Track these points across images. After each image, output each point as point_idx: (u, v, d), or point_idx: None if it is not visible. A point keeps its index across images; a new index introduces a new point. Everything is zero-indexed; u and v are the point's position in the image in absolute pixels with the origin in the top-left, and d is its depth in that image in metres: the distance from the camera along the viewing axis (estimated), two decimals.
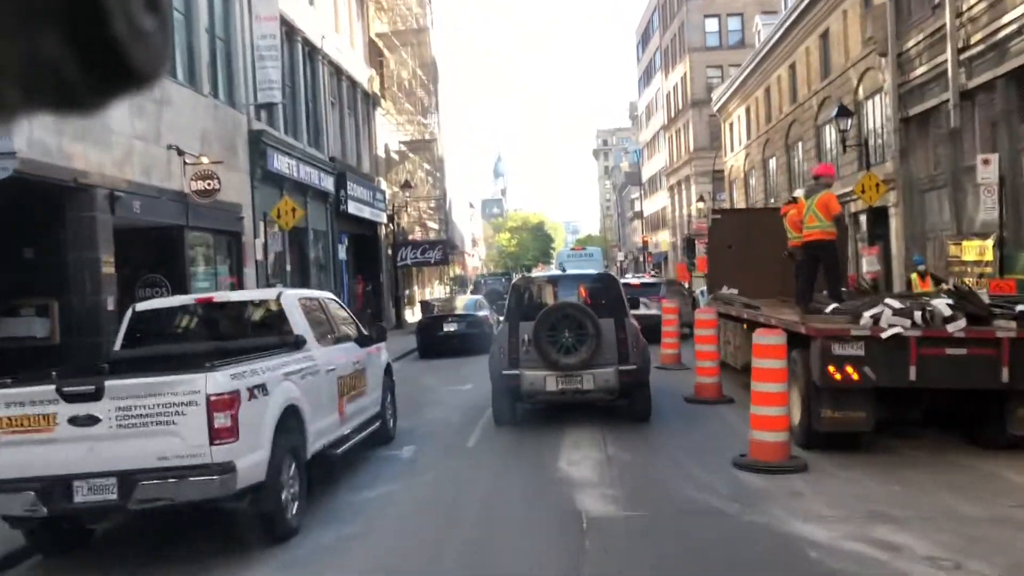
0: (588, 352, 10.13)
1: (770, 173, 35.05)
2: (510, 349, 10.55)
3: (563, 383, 10.23)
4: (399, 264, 32.81)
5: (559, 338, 10.25)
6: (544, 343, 10.19)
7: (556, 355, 10.15)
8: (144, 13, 0.67)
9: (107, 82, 0.68)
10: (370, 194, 30.13)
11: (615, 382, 10.19)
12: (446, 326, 21.51)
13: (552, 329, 10.26)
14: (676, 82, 65.29)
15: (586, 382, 10.21)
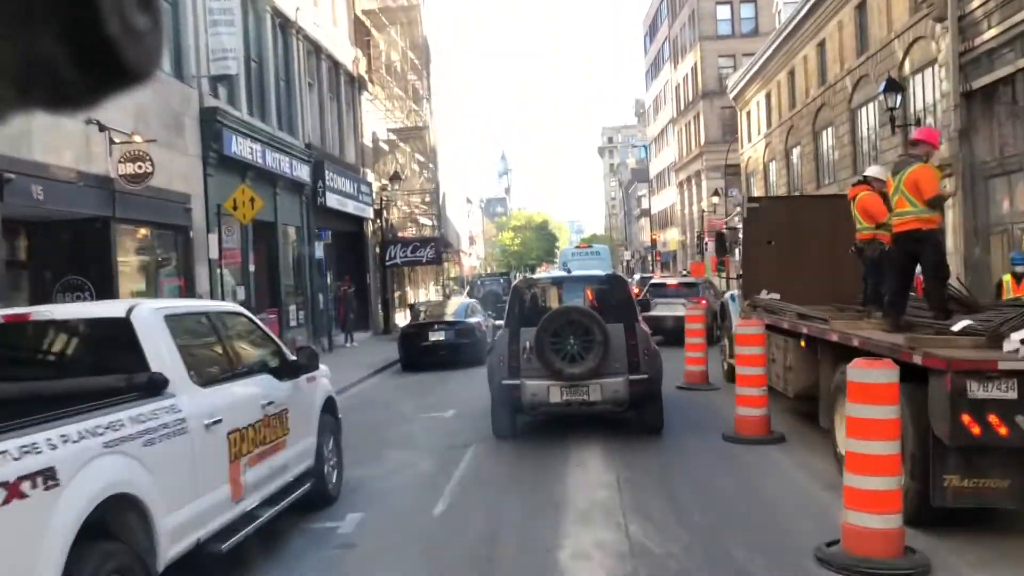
0: (595, 360, 9.32)
1: (793, 164, 32.13)
2: (510, 357, 9.73)
3: (568, 394, 9.43)
4: (387, 263, 29.96)
5: (563, 345, 9.43)
6: (547, 351, 9.37)
7: (560, 364, 9.35)
8: (137, 12, 0.68)
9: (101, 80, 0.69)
10: (354, 186, 27.29)
11: (625, 393, 9.40)
12: (432, 335, 18.67)
13: (556, 335, 9.44)
14: (686, 73, 62.53)
15: (593, 393, 9.41)
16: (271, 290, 21.23)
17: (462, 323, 18.93)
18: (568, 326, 9.48)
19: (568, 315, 9.61)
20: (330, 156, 25.64)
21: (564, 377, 9.36)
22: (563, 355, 9.42)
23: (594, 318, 9.48)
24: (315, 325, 23.70)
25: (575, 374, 9.34)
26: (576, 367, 9.36)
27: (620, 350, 9.52)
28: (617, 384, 9.38)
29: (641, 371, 9.51)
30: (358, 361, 20.70)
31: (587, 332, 9.41)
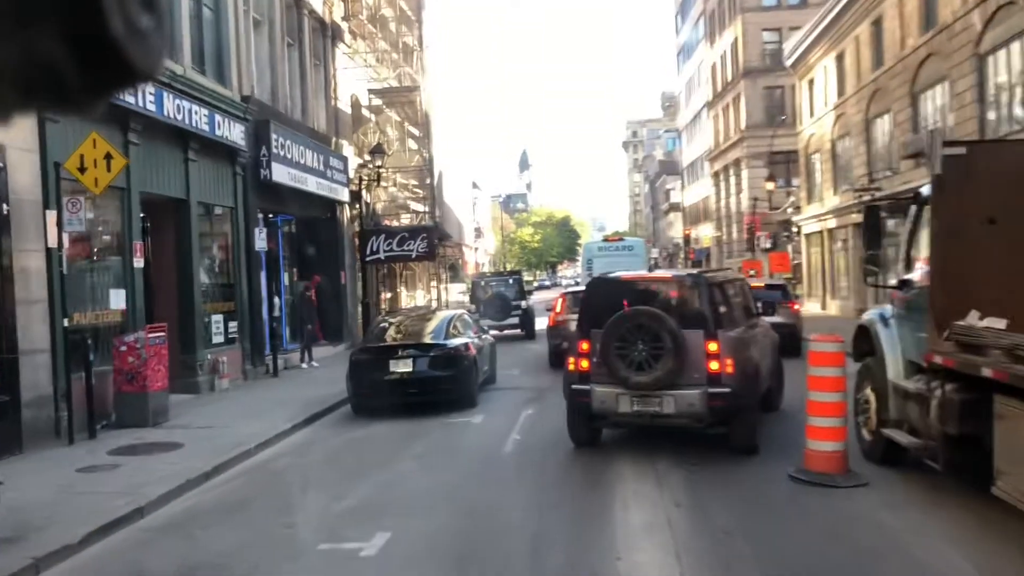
0: (664, 370, 8.58)
1: (877, 137, 25.70)
2: (581, 359, 9.16)
3: (638, 404, 8.81)
4: (368, 259, 23.87)
5: (630, 351, 8.71)
6: (612, 356, 8.76)
7: (626, 371, 8.72)
8: (141, 12, 0.68)
9: (104, 80, 0.69)
10: (321, 159, 21.23)
11: (702, 407, 8.60)
12: (394, 364, 12.54)
13: (622, 340, 8.77)
14: (724, 50, 56.28)
15: (666, 405, 8.70)
16: (179, 294, 15.20)
17: (440, 347, 12.79)
18: (636, 331, 8.77)
19: (636, 318, 8.85)
20: (282, 117, 19.57)
21: (630, 386, 8.77)
22: (629, 362, 8.74)
23: (664, 323, 8.72)
24: (254, 340, 17.66)
25: (641, 383, 8.70)
26: (642, 376, 8.69)
27: (698, 360, 8.71)
28: (692, 397, 8.64)
29: (722, 384, 8.63)
30: (297, 396, 14.60)
31: (656, 338, 8.68)
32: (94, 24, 0.64)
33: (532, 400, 13.73)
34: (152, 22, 0.69)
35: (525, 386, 15.31)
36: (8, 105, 0.68)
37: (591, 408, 9.10)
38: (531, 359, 19.75)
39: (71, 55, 0.65)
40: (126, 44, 0.66)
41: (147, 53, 0.68)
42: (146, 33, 0.68)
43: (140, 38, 0.67)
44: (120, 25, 0.65)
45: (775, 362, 11.24)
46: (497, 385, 15.48)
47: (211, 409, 13.63)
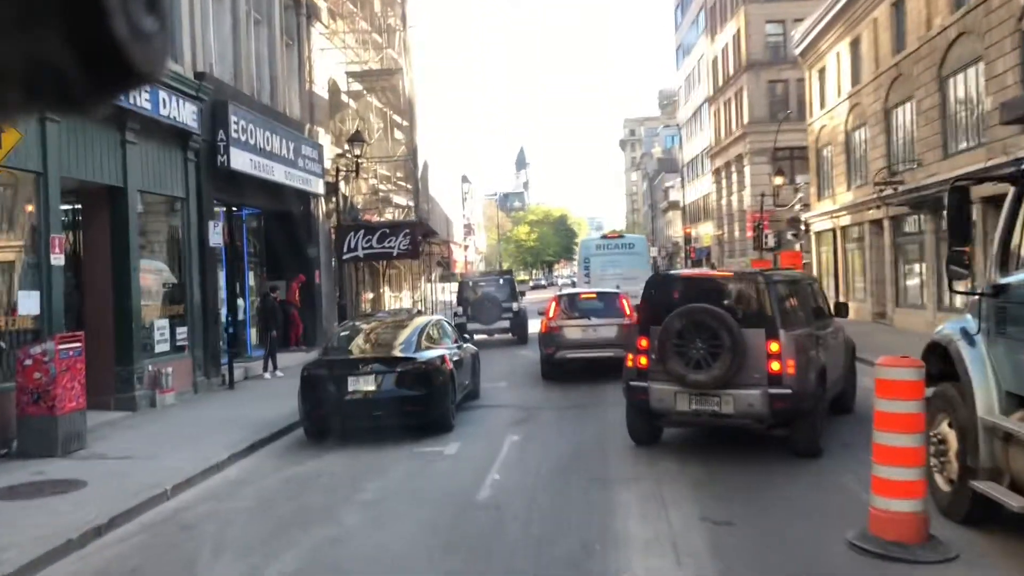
0: (723, 369, 8.45)
1: (898, 126, 23.77)
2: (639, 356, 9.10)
3: (696, 403, 8.69)
4: (345, 256, 21.89)
5: (688, 349, 8.65)
6: (670, 353, 8.70)
7: (682, 369, 8.65)
8: (144, 13, 0.68)
9: (107, 82, 0.69)
10: (292, 148, 19.25)
11: (762, 408, 8.42)
12: (354, 381, 10.53)
13: (680, 337, 8.70)
14: (726, 42, 54.51)
15: (725, 405, 8.55)
16: (115, 296, 13.20)
17: (410, 361, 10.78)
18: (694, 328, 8.63)
19: (693, 315, 8.67)
20: (246, 99, 17.59)
21: (687, 384, 8.66)
22: (687, 360, 8.63)
23: (723, 321, 8.51)
24: (208, 348, 15.68)
25: (699, 381, 8.59)
26: (700, 374, 8.58)
27: (759, 360, 8.48)
28: (753, 397, 8.44)
29: (784, 385, 8.38)
30: (248, 414, 12.63)
31: (714, 336, 8.53)
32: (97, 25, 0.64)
33: (520, 422, 11.77)
34: (154, 23, 0.69)
35: (512, 403, 13.35)
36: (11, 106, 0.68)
37: (649, 405, 9.02)
38: (521, 368, 17.78)
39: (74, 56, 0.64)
40: (128, 45, 0.66)
41: (149, 54, 0.68)
42: (148, 34, 0.68)
43: (142, 39, 0.67)
44: (123, 26, 0.65)
45: (847, 364, 11.04)
46: (480, 401, 13.53)
47: (142, 432, 11.64)
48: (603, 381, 14.99)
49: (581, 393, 14.01)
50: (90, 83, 0.67)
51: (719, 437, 9.85)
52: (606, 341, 14.99)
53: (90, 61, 0.66)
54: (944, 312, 20.59)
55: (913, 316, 22.27)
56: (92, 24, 0.64)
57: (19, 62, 0.64)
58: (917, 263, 22.72)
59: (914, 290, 23.18)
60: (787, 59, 49.48)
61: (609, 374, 15.29)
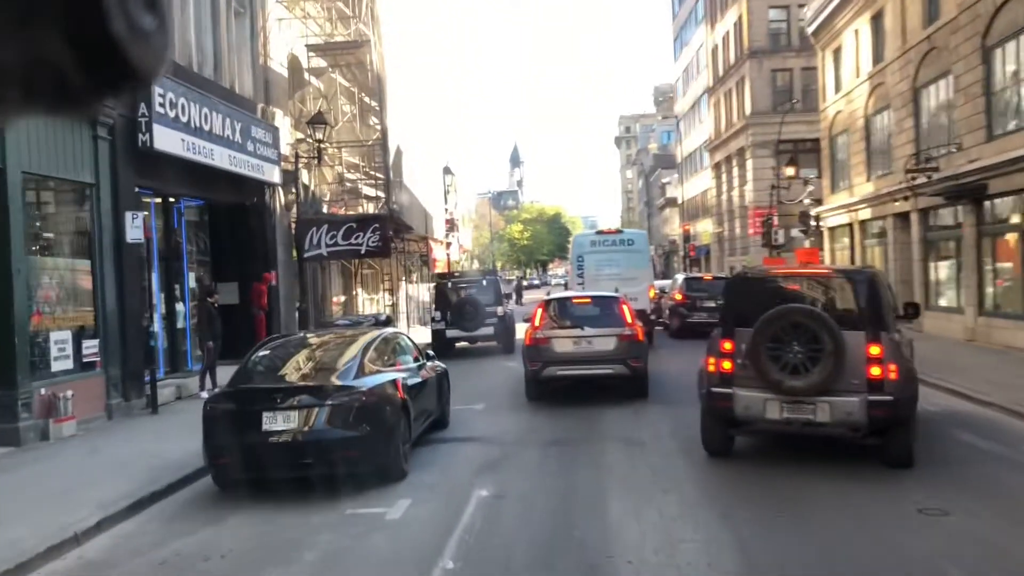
0: (823, 374, 7.95)
1: (930, 107, 21.23)
2: (721, 360, 8.49)
3: (789, 411, 8.16)
4: (306, 254, 19.28)
5: (785, 353, 8.08)
6: (763, 358, 8.10)
7: (778, 375, 8.08)
8: (143, 13, 0.68)
9: (106, 81, 0.69)
10: (240, 129, 16.60)
11: (861, 416, 7.92)
12: (269, 418, 7.90)
13: (776, 340, 8.11)
14: (727, 31, 52.15)
15: (820, 413, 8.03)
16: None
17: (346, 391, 8.11)
18: (792, 330, 8.08)
19: (791, 316, 8.12)
20: (180, 71, 14.96)
21: (783, 391, 8.09)
22: (783, 365, 8.07)
23: (825, 323, 7.99)
24: (127, 363, 13.06)
25: (796, 388, 8.04)
26: (798, 380, 8.03)
27: (859, 364, 7.98)
28: (851, 405, 7.95)
29: (885, 392, 7.91)
30: (156, 450, 10.04)
31: (814, 339, 7.99)
32: (96, 25, 0.64)
33: (493, 465, 9.17)
34: (154, 23, 0.68)
35: (487, 435, 10.73)
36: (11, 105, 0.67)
37: (733, 413, 8.46)
38: (504, 384, 15.15)
39: (74, 56, 0.64)
40: (128, 45, 0.65)
41: (149, 53, 0.68)
42: (148, 34, 0.68)
43: (142, 39, 0.67)
44: (122, 26, 0.65)
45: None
46: (448, 432, 10.93)
47: (2, 480, 9.04)
48: (599, 404, 12.42)
49: (573, 421, 11.42)
50: (89, 82, 0.66)
51: (772, 468, 7.37)
52: (603, 355, 12.40)
53: (89, 60, 0.65)
54: (987, 316, 18.05)
55: (947, 321, 19.72)
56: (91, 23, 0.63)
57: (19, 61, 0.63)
58: (952, 261, 20.17)
59: (948, 291, 20.63)
60: (791, 47, 47.14)
61: (607, 396, 12.74)
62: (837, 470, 8.36)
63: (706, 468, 8.71)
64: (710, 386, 8.61)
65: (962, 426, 10.50)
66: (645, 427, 10.84)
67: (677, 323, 23.62)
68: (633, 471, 8.59)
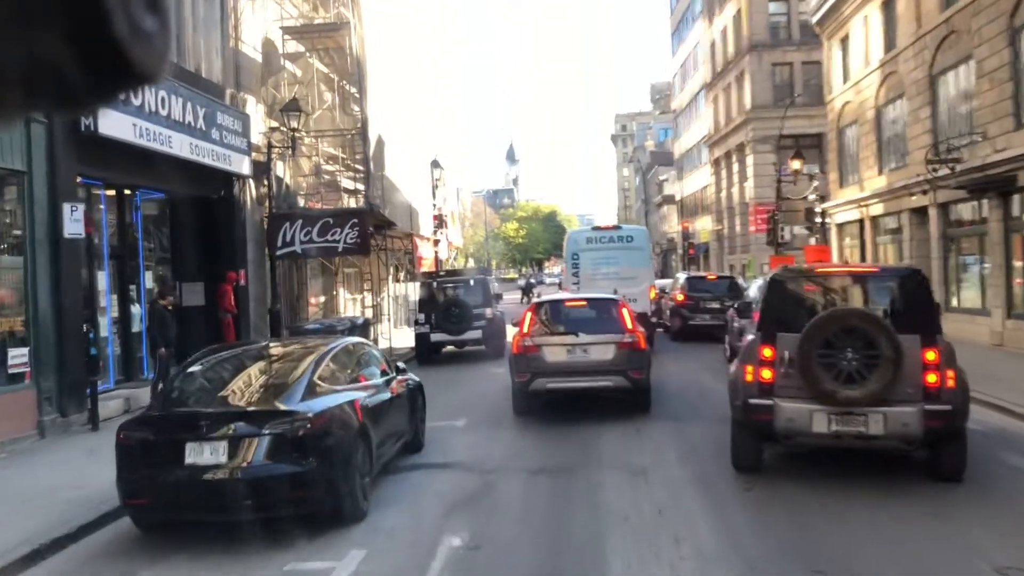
0: (881, 382, 7.30)
1: (947, 95, 19.85)
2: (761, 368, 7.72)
3: (838, 423, 7.45)
4: (279, 251, 17.84)
5: (838, 360, 7.39)
6: (814, 365, 7.40)
7: (831, 384, 7.38)
8: (145, 13, 0.68)
9: (108, 81, 0.69)
10: (203, 115, 15.14)
11: (917, 427, 7.31)
12: (195, 451, 6.47)
13: (828, 346, 7.42)
14: (726, 24, 50.92)
15: (873, 424, 7.37)
16: None
17: (287, 417, 6.64)
18: (846, 335, 7.39)
19: (847, 320, 7.47)
20: None
21: (837, 401, 7.36)
22: (836, 373, 7.38)
23: (883, 326, 7.39)
24: (64, 374, 11.62)
25: (852, 398, 7.33)
26: (854, 390, 7.34)
27: (914, 370, 7.40)
28: (908, 415, 7.32)
29: (942, 400, 7.38)
30: (80, 481, 8.60)
31: (871, 344, 7.33)
32: (97, 25, 0.64)
33: (471, 501, 7.74)
34: (155, 23, 0.68)
35: (467, 460, 9.28)
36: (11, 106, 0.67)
37: (772, 427, 7.70)
38: (490, 396, 13.69)
39: (74, 56, 0.64)
40: (129, 45, 0.65)
41: (150, 54, 0.67)
42: (149, 34, 0.68)
43: (143, 39, 0.67)
44: (123, 26, 0.65)
45: None
46: (422, 456, 9.50)
47: None
48: (596, 420, 11.01)
49: (565, 441, 9.99)
50: (90, 83, 0.66)
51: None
52: (600, 366, 10.98)
53: (90, 61, 0.64)
54: (1018, 319, 16.67)
55: (971, 324, 18.33)
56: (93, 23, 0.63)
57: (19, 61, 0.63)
58: (976, 258, 18.79)
59: (971, 292, 19.24)
60: (791, 40, 45.92)
61: (605, 410, 11.32)
62: (882, 504, 7.00)
63: (724, 505, 7.29)
64: (747, 397, 7.79)
65: (1008, 447, 9.13)
66: (649, 450, 9.43)
67: (679, 325, 22.25)
68: (636, 510, 7.18)
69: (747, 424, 7.97)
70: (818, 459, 8.36)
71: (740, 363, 8.16)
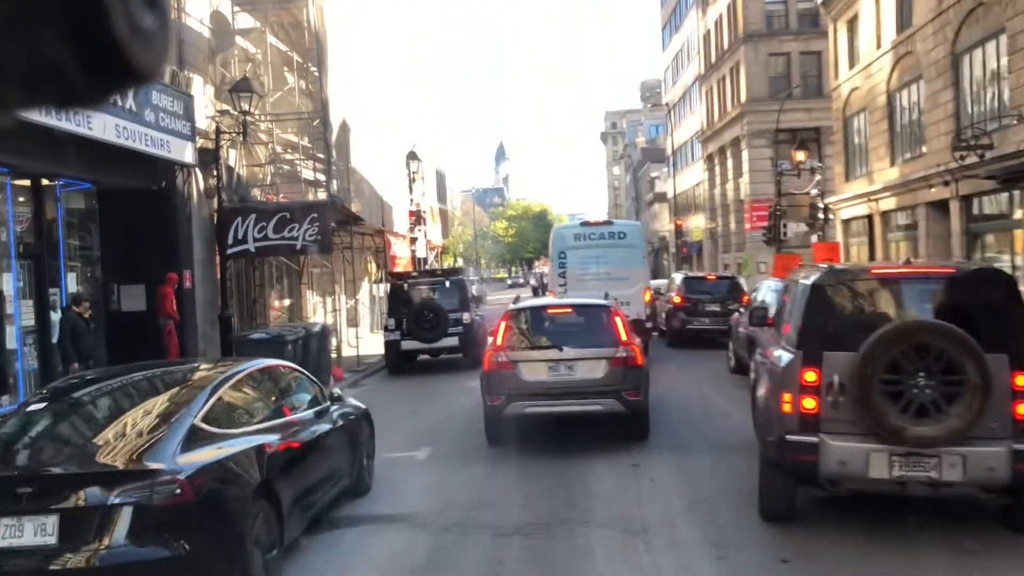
0: (965, 418, 5.62)
1: (972, 76, 18.04)
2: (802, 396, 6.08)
3: (903, 467, 5.79)
4: (230, 250, 15.90)
5: (908, 387, 5.75)
6: (876, 394, 5.72)
7: (898, 418, 5.69)
8: (144, 12, 0.68)
9: (107, 80, 0.69)
10: (136, 94, 13.16)
11: (1004, 472, 5.70)
12: (8, 532, 4.51)
13: (895, 370, 5.76)
14: (720, 13, 49.28)
15: (949, 469, 5.74)
16: None
17: (149, 481, 4.70)
18: (918, 355, 5.75)
19: (919, 336, 5.77)
20: None
21: (906, 440, 5.68)
22: (905, 404, 5.73)
23: (968, 345, 5.65)
24: None
25: (926, 437, 5.66)
26: (928, 426, 5.66)
27: (1001, 399, 5.69)
28: (993, 457, 5.71)
29: None
30: None
31: (951, 368, 5.69)
32: (97, 24, 0.64)
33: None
34: (155, 21, 0.68)
35: (422, 509, 7.32)
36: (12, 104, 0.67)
37: (817, 470, 5.98)
38: (462, 418, 11.63)
39: (74, 55, 0.64)
40: (129, 44, 0.65)
41: (149, 53, 0.67)
42: (149, 33, 0.67)
43: (143, 38, 0.67)
44: (123, 25, 0.65)
45: None
46: (364, 505, 7.55)
47: None
48: (584, 451, 9.11)
49: (546, 483, 8.06)
50: (90, 81, 0.66)
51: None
52: (588, 386, 9.06)
53: (90, 59, 0.64)
54: None
55: None
56: (93, 22, 0.63)
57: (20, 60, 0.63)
58: (1007, 257, 16.97)
59: None
60: (789, 29, 44.28)
61: (594, 437, 9.44)
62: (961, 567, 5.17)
63: None
64: (784, 432, 6.18)
65: None
66: (649, 495, 7.54)
67: (676, 328, 20.41)
68: None
69: (783, 465, 6.38)
70: (864, 503, 6.54)
71: (773, 388, 6.52)
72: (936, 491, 6.01)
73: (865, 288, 6.63)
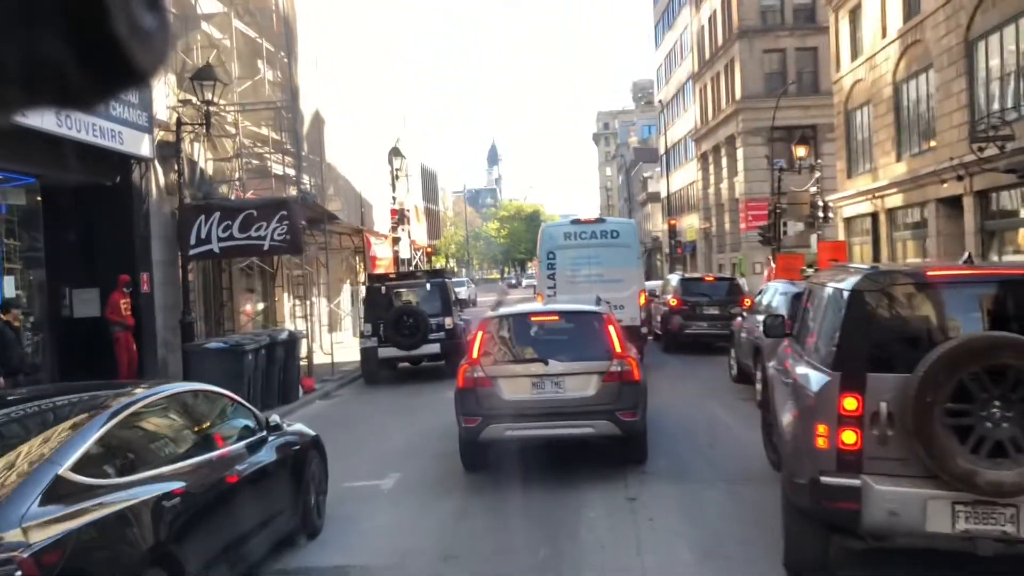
0: None
1: (985, 65, 16.96)
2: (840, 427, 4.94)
3: (970, 519, 4.67)
4: (193, 251, 14.70)
5: (979, 419, 4.60)
6: (938, 427, 4.61)
7: (967, 459, 4.57)
8: (144, 12, 0.68)
9: (108, 79, 0.69)
10: None
11: None
12: None
13: (963, 397, 4.62)
14: (714, 9, 48.41)
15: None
16: None
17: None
18: (991, 379, 4.57)
19: (995, 354, 4.58)
20: None
21: (979, 486, 4.56)
22: (976, 440, 4.58)
23: None
24: None
25: (1006, 484, 4.51)
26: (1007, 468, 4.53)
27: None
28: None
29: None
30: None
31: None
32: (97, 24, 0.64)
33: None
34: (155, 21, 0.68)
35: (375, 565, 6.08)
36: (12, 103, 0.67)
37: (859, 520, 4.81)
38: (438, 438, 10.33)
39: (74, 55, 0.64)
40: (129, 44, 0.65)
41: (150, 53, 0.67)
42: (149, 33, 0.67)
43: (143, 38, 0.67)
44: (123, 25, 0.65)
45: None
46: (310, 553, 6.31)
47: None
48: (573, 480, 7.93)
49: (529, 522, 6.86)
50: (90, 81, 0.66)
51: None
52: (578, 405, 7.88)
53: (90, 59, 0.65)
54: None
55: None
56: (93, 22, 0.63)
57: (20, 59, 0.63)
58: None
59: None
60: (784, 25, 43.37)
61: (584, 465, 8.26)
62: None
63: None
64: (819, 472, 4.99)
65: None
66: (649, 541, 6.35)
67: (673, 332, 19.28)
68: None
69: (816, 513, 5.17)
70: (911, 554, 5.40)
71: (803, 417, 5.39)
72: (1012, 549, 4.82)
73: (918, 294, 5.39)
